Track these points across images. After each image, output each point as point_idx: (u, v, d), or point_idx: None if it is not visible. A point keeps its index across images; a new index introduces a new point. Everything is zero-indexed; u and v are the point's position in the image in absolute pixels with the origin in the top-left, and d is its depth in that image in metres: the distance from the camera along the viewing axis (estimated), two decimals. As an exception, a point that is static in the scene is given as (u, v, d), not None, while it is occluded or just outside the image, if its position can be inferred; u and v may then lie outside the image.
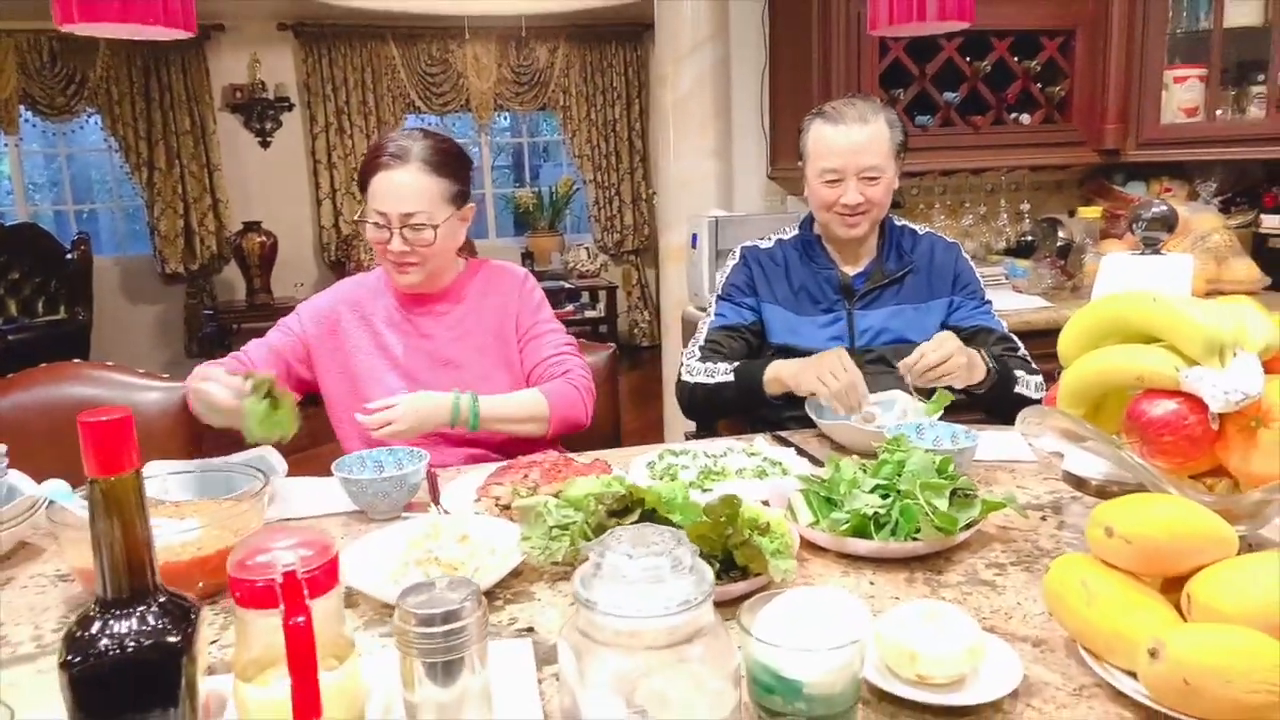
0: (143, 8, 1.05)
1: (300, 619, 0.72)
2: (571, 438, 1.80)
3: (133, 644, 0.72)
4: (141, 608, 0.73)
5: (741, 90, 3.30)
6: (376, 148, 1.69)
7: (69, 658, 0.71)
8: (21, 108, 6.07)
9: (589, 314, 6.61)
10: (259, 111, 6.46)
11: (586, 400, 1.75)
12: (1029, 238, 3.31)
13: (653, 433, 4.13)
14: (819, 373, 1.64)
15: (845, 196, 1.86)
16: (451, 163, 1.70)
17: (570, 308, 6.60)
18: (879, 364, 1.87)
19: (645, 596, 0.75)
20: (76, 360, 1.85)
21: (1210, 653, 0.76)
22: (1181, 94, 3.23)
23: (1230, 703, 0.74)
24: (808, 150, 1.92)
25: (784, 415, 1.85)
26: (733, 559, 1.03)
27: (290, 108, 6.54)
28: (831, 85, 2.94)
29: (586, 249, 6.96)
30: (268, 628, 0.74)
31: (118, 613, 0.73)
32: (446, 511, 1.29)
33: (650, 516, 1.06)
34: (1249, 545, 0.95)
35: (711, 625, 0.78)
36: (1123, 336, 1.00)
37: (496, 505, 1.29)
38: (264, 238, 6.26)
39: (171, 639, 0.73)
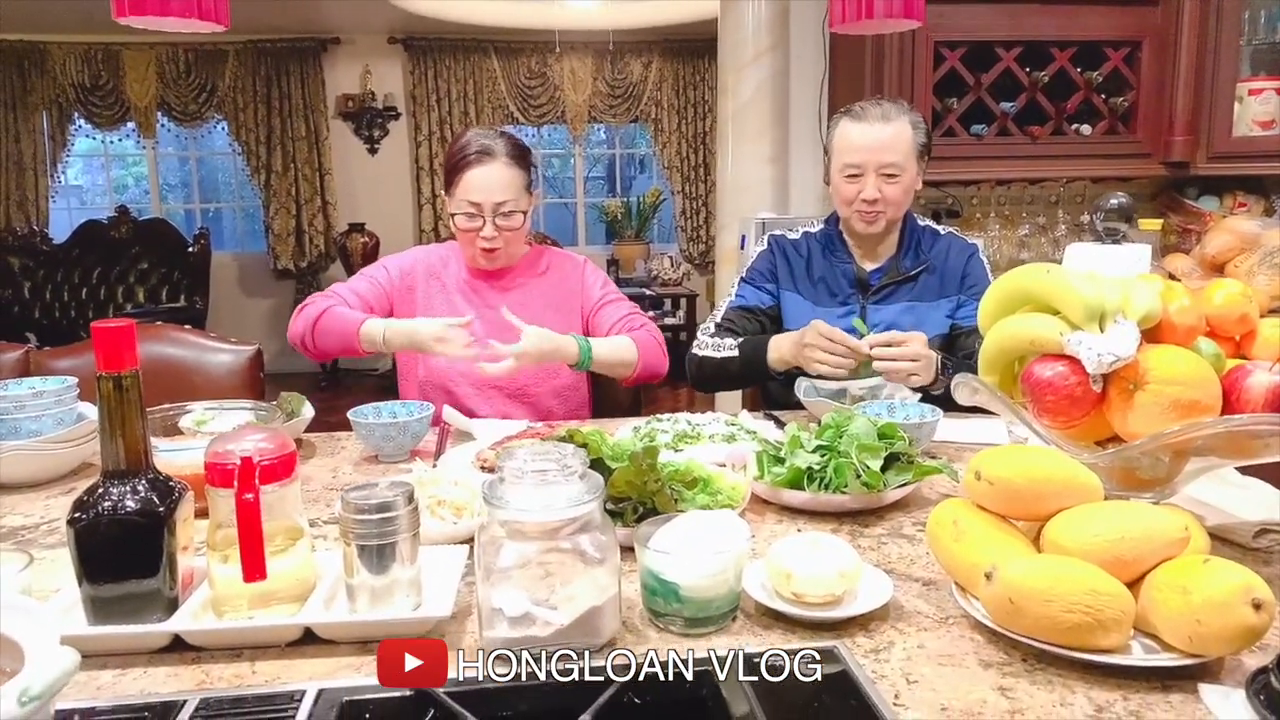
0: (181, 4, 1.26)
1: (249, 496, 0.88)
2: (605, 406, 2.05)
3: (125, 507, 0.89)
4: (135, 480, 0.91)
5: (800, 99, 3.39)
6: (462, 147, 1.86)
7: (74, 515, 0.89)
8: (159, 114, 6.67)
9: (669, 321, 6.74)
10: (368, 120, 6.89)
11: (664, 350, 1.93)
12: (1089, 249, 3.27)
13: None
14: (815, 357, 1.73)
15: (864, 191, 1.92)
16: (526, 156, 1.90)
17: (652, 314, 6.73)
18: None
19: (538, 495, 0.88)
20: (159, 323, 2.10)
21: (1033, 576, 0.83)
22: (1257, 106, 3.16)
23: (1049, 621, 0.82)
24: (833, 147, 2.01)
25: (792, 398, 1.93)
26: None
27: (397, 117, 6.94)
28: (885, 93, 3.00)
29: (670, 258, 7.11)
30: (229, 504, 0.90)
31: (116, 483, 0.91)
32: (434, 466, 1.43)
33: (596, 462, 1.18)
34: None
35: (599, 523, 0.90)
36: (1030, 307, 1.08)
37: (483, 467, 1.43)
38: (367, 238, 6.66)
39: (156, 508, 0.90)
